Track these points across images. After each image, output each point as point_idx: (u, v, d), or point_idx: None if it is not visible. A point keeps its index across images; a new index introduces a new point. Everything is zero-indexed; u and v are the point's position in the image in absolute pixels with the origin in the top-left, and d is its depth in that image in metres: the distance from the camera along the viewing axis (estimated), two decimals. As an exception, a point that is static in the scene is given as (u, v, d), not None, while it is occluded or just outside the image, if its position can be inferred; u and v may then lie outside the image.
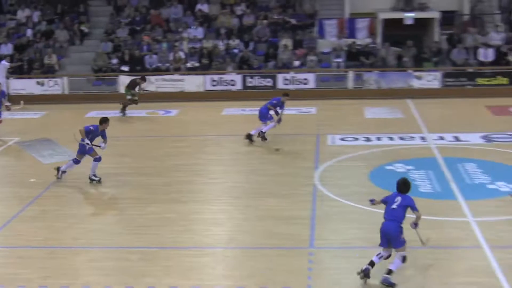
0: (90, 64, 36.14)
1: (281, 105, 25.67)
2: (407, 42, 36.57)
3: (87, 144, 20.95)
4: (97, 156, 21.23)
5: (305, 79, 35.08)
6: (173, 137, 27.30)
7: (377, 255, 14.22)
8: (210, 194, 20.72)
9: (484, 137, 26.03)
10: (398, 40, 37.20)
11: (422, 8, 38.39)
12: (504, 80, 34.60)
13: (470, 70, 35.33)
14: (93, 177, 21.36)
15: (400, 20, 37.76)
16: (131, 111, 31.88)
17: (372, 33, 38.29)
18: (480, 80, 34.78)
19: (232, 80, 35.19)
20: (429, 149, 24.58)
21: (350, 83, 35.32)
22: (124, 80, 34.69)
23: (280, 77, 34.99)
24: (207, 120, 30.21)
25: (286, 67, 35.76)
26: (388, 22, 38.10)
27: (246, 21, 38.41)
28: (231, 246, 16.69)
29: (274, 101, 25.63)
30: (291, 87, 34.59)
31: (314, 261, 15.54)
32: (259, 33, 37.65)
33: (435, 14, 38.11)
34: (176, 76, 35.15)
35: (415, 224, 14.14)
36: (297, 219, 18.01)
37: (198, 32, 37.77)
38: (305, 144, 25.29)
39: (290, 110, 30.84)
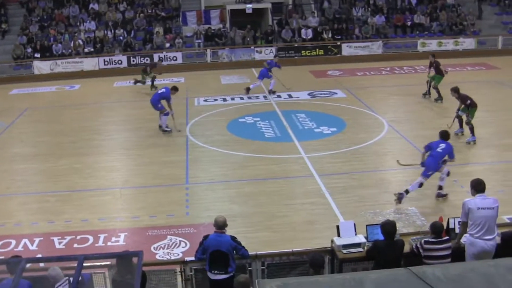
0: (10, 54, 34.50)
1: (275, 64, 26.85)
2: (249, 26, 36.39)
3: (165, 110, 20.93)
4: (166, 112, 20.86)
5: (175, 56, 34.49)
6: (77, 105, 26.33)
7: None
8: (107, 147, 20.11)
9: (309, 94, 26.28)
10: (242, 25, 36.90)
11: (258, 0, 38.26)
12: (321, 52, 34.98)
13: (296, 45, 35.50)
14: (166, 129, 20.91)
15: (242, 10, 37.46)
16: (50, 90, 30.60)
17: (222, 20, 37.93)
18: (304, 52, 35.02)
19: (119, 60, 34.16)
20: (271, 105, 24.60)
21: (209, 58, 34.91)
22: (38, 65, 33.55)
23: (155, 56, 34.11)
24: (102, 91, 29.23)
25: (160, 48, 34.98)
26: (234, 12, 37.76)
27: (128, 15, 37.40)
28: (126, 186, 16.31)
29: (269, 62, 26.97)
30: (164, 63, 33.79)
31: (190, 194, 15.44)
32: (137, 24, 36.78)
33: (268, 5, 38.00)
34: (77, 59, 33.96)
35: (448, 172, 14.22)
36: (175, 163, 17.82)
37: (91, 25, 36.53)
38: (178, 106, 24.73)
39: (166, 80, 30.30)
